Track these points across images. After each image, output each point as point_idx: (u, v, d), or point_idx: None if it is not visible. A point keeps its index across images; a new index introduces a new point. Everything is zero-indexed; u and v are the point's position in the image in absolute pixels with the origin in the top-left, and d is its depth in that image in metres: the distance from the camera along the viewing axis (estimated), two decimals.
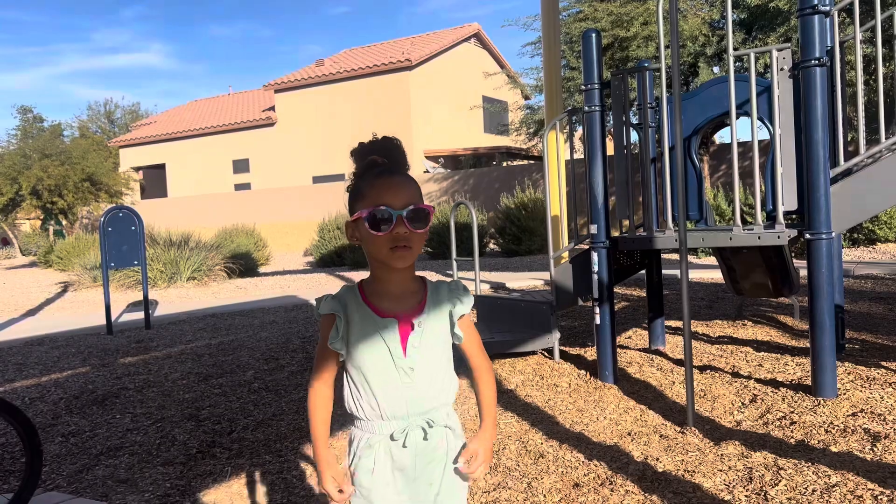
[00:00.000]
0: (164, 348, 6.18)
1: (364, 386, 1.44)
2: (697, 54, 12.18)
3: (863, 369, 4.01)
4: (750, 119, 3.75)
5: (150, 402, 4.43)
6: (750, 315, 6.00)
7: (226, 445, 3.54)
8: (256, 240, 15.78)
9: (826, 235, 3.47)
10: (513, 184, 17.54)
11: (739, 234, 3.75)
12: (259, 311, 8.16)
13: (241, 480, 3.06)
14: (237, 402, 4.27)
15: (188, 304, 9.22)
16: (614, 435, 3.30)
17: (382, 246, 1.39)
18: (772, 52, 3.58)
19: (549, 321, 4.73)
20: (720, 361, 4.49)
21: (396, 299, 1.46)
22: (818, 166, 3.43)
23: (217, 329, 7.07)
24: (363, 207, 1.39)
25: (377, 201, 1.39)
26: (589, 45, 4.14)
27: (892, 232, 11.12)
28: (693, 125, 4.38)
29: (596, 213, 4.26)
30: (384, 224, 1.37)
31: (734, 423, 3.36)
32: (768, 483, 2.59)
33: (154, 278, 11.09)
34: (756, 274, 4.90)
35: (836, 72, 3.77)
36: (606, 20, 12.47)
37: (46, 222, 26.47)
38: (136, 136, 31.40)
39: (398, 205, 1.38)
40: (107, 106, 42.92)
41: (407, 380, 1.44)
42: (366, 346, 1.43)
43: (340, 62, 27.30)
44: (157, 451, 3.52)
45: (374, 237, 1.38)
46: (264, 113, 28.10)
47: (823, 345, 3.50)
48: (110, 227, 7.42)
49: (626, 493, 2.62)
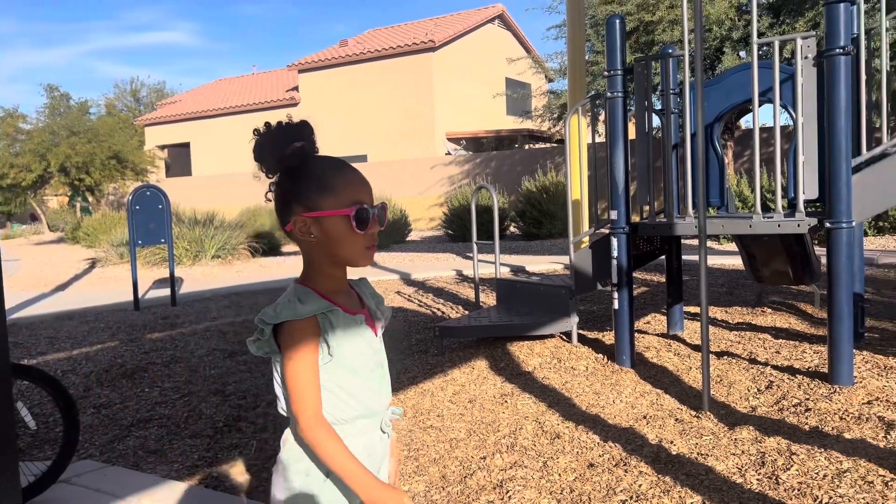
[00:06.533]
0: (190, 325, 6.33)
1: (349, 387, 1.36)
2: (724, 38, 12.02)
3: (881, 358, 4.01)
4: (773, 106, 3.74)
5: (177, 376, 4.57)
6: (770, 302, 6.00)
7: (251, 420, 3.65)
8: None
9: (846, 224, 3.48)
10: (534, 167, 17.50)
11: (759, 222, 3.77)
12: (282, 290, 8.19)
13: (265, 454, 3.17)
14: (262, 379, 4.39)
15: (212, 281, 9.39)
16: (630, 418, 3.36)
17: (359, 245, 1.34)
18: (796, 40, 3.57)
19: (568, 305, 4.79)
20: (738, 348, 4.52)
21: (347, 296, 1.41)
22: (840, 155, 3.43)
23: (241, 307, 7.21)
24: (335, 204, 1.31)
25: (356, 198, 1.33)
26: (612, 30, 4.15)
27: None
28: (716, 111, 4.38)
29: (616, 199, 4.29)
30: (366, 223, 1.33)
31: (749, 408, 3.41)
32: (780, 467, 2.64)
33: (179, 256, 11.28)
34: (776, 261, 4.90)
35: (861, 60, 3.75)
36: (632, 3, 12.34)
37: (73, 199, 26.91)
38: (161, 115, 31.69)
39: (371, 202, 1.35)
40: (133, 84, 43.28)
41: (382, 372, 1.43)
42: (350, 345, 1.36)
43: (364, 43, 27.27)
44: (185, 424, 3.64)
45: (355, 236, 1.32)
46: (288, 93, 28.19)
47: (841, 333, 3.52)
48: (138, 206, 7.57)
49: (640, 474, 2.69)
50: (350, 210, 1.31)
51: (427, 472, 2.87)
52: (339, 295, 1.38)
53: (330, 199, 1.31)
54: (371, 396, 1.40)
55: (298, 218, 1.33)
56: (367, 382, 1.39)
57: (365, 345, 1.39)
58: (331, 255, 1.34)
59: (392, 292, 7.70)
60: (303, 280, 1.38)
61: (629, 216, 4.33)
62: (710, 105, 4.29)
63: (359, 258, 1.35)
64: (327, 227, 1.32)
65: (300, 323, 1.30)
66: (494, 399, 3.76)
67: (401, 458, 1.49)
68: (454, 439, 3.22)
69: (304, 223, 1.32)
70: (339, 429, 1.34)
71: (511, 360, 4.52)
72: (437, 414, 3.58)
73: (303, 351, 1.30)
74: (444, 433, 3.30)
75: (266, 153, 1.32)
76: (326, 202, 1.31)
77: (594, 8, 12.92)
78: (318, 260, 1.36)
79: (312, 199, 1.32)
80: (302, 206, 1.32)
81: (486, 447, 3.09)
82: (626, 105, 4.30)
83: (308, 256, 1.38)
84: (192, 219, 12.85)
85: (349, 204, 1.31)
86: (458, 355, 4.71)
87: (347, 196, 1.32)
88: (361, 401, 1.37)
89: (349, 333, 1.36)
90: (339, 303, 1.36)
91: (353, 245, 1.33)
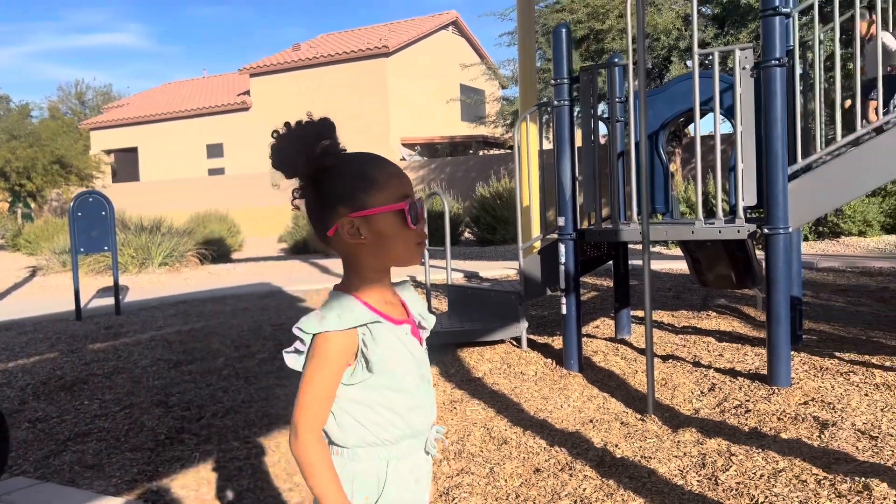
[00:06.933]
0: (134, 334, 6.16)
1: (393, 405, 1.26)
2: (671, 48, 12.32)
3: (817, 359, 4.15)
4: (714, 115, 3.84)
5: (119, 388, 4.44)
6: (715, 306, 6.14)
7: (194, 431, 3.57)
8: (230, 225, 15.68)
9: (783, 230, 3.58)
10: (489, 173, 17.60)
11: (701, 228, 3.86)
12: (231, 298, 8.14)
13: (209, 466, 3.10)
14: (207, 389, 4.30)
15: (159, 290, 9.17)
16: (577, 422, 3.39)
17: (412, 242, 1.25)
18: (735, 52, 3.67)
19: (518, 311, 4.82)
20: (683, 351, 4.61)
21: (392, 304, 1.30)
22: (776, 163, 3.54)
23: (188, 315, 7.06)
24: (385, 199, 1.21)
25: (404, 191, 1.24)
26: (559, 39, 4.20)
27: (856, 225, 11.39)
28: (661, 120, 4.48)
29: (564, 206, 4.33)
30: (417, 217, 1.24)
31: (692, 410, 3.48)
32: (720, 468, 2.70)
33: (125, 264, 10.99)
34: (720, 266, 5.02)
35: (796, 71, 3.88)
36: (583, 12, 12.56)
37: (14, 205, 26.00)
38: (107, 119, 30.89)
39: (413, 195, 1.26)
40: (78, 87, 42.15)
41: (427, 387, 1.32)
42: (394, 359, 1.25)
43: (317, 47, 27.09)
44: (126, 437, 3.54)
45: (408, 233, 1.23)
46: (239, 97, 27.81)
47: (779, 336, 3.62)
48: (80, 212, 7.35)
49: (585, 478, 2.71)
50: (403, 204, 1.22)
51: None
52: (384, 303, 1.28)
53: (378, 195, 1.21)
54: (416, 414, 1.29)
55: (345, 220, 1.21)
56: (413, 399, 1.28)
57: (410, 358, 1.28)
58: (381, 256, 1.24)
59: None
60: (345, 287, 1.26)
61: (577, 222, 4.38)
62: (654, 113, 4.38)
63: (413, 256, 1.26)
64: (378, 225, 1.22)
65: (337, 335, 1.20)
66: (443, 406, 3.75)
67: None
68: None
69: (352, 224, 1.21)
70: (384, 450, 1.25)
71: (461, 366, 4.52)
72: None
73: (329, 363, 1.20)
74: None
75: (291, 155, 1.21)
76: (375, 199, 1.21)
77: (545, 16, 13.10)
78: (365, 264, 1.25)
79: (359, 197, 1.21)
80: (348, 207, 1.21)
81: None
82: (572, 113, 4.35)
83: (352, 261, 1.26)
84: (138, 225, 12.54)
85: (399, 198, 1.22)
86: None
87: (395, 190, 1.23)
88: (407, 420, 1.27)
89: (394, 346, 1.25)
90: (385, 312, 1.26)
91: (406, 242, 1.24)
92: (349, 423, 1.25)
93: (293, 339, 1.27)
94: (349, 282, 1.27)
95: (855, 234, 11.46)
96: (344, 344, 1.21)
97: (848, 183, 3.74)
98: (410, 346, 1.28)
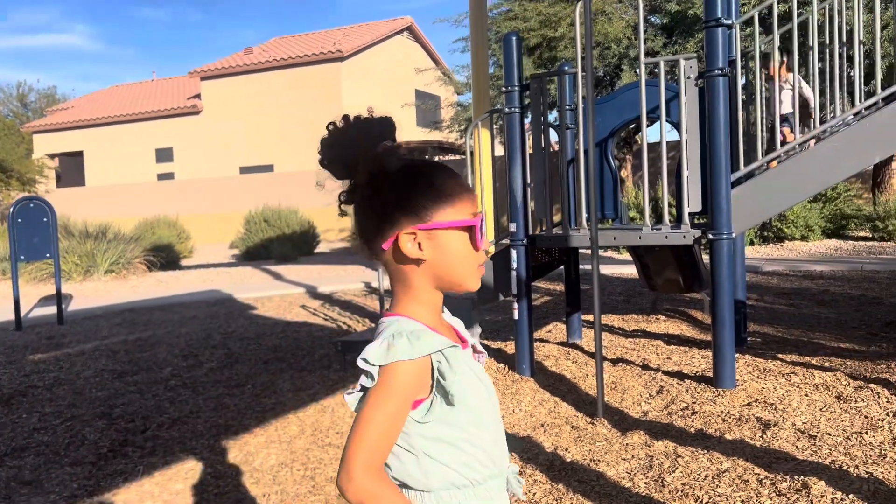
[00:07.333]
0: (77, 344, 5.98)
1: (477, 440, 1.12)
2: (622, 56, 12.55)
3: (761, 361, 4.26)
4: (660, 123, 3.92)
5: (60, 400, 4.29)
6: (664, 309, 6.26)
7: (138, 444, 3.47)
8: (179, 231, 15.36)
9: (727, 235, 3.67)
10: None
11: (648, 234, 3.93)
12: (179, 306, 7.96)
13: (154, 479, 3.02)
14: (152, 400, 4.19)
15: (105, 298, 8.91)
16: (528, 426, 3.41)
17: (474, 264, 1.13)
18: (679, 62, 3.76)
19: (470, 316, 4.83)
20: (632, 354, 4.69)
21: (447, 328, 1.18)
22: (720, 170, 3.63)
23: (134, 324, 6.87)
24: (455, 214, 1.09)
25: (473, 208, 1.12)
26: (509, 47, 4.24)
27: (799, 230, 11.77)
28: (609, 128, 4.55)
29: (515, 212, 4.37)
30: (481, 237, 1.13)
31: (641, 413, 3.53)
32: (666, 470, 2.75)
33: (69, 271, 10.66)
34: (668, 270, 5.12)
35: (738, 81, 3.98)
36: (535, 20, 12.68)
37: None
38: (51, 122, 29.92)
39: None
40: (20, 89, 40.75)
41: (500, 419, 1.20)
42: (471, 389, 1.12)
43: (270, 51, 26.76)
44: (66, 451, 3.42)
45: (472, 254, 1.12)
46: (190, 101, 27.27)
47: (724, 339, 3.71)
48: (20, 219, 7.10)
49: (535, 483, 2.73)
50: (475, 221, 1.11)
51: (323, 491, 2.81)
52: (442, 326, 1.15)
53: (447, 209, 1.09)
54: (498, 449, 1.16)
55: (406, 232, 1.08)
56: (492, 433, 1.15)
57: (483, 387, 1.15)
58: (440, 276, 1.11)
59: (296, 306, 7.55)
60: (400, 311, 1.12)
61: (528, 228, 4.42)
62: (603, 121, 4.45)
63: (474, 279, 1.13)
64: (445, 242, 1.09)
65: (409, 364, 1.04)
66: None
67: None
68: None
69: (414, 238, 1.08)
70: (471, 492, 1.11)
71: None
72: (336, 431, 3.52)
73: (397, 397, 1.05)
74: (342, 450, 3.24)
75: (349, 153, 1.07)
76: (444, 213, 1.09)
77: (498, 23, 13.21)
78: (420, 284, 1.11)
79: (428, 208, 1.08)
80: (411, 218, 1.08)
81: None
82: (523, 120, 4.39)
83: (405, 280, 1.12)
84: (83, 231, 12.19)
85: (469, 215, 1.11)
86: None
87: (466, 205, 1.11)
88: (491, 456, 1.14)
89: (468, 375, 1.12)
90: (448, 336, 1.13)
91: (470, 264, 1.12)
92: (432, 467, 1.10)
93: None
94: (404, 305, 1.12)
95: (798, 239, 11.84)
96: (417, 375, 1.06)
97: (789, 189, 3.85)
98: (479, 373, 1.16)
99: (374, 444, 1.04)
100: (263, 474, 3.04)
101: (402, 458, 1.10)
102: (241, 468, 3.11)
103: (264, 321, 6.72)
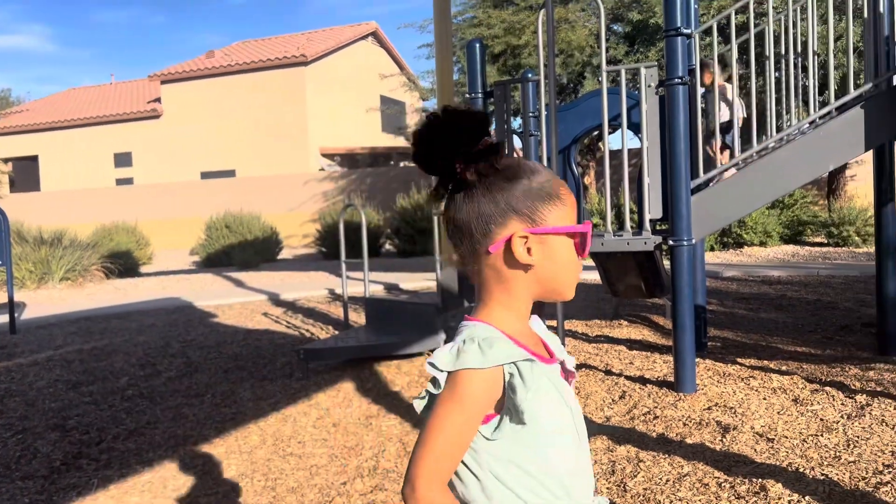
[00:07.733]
0: (30, 354, 5.80)
1: (551, 467, 1.03)
2: (585, 64, 12.71)
3: (721, 366, 4.33)
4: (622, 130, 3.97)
5: (11, 412, 4.15)
6: (626, 315, 6.33)
7: (93, 456, 3.38)
8: (138, 238, 15.03)
9: (687, 242, 3.73)
10: (410, 184, 17.61)
11: (610, 240, 3.97)
12: (137, 314, 7.79)
13: (109, 493, 2.94)
14: (108, 411, 4.08)
15: (60, 306, 8.67)
16: None
17: (576, 272, 1.08)
18: (640, 70, 3.81)
19: (435, 323, 4.81)
20: (595, 360, 4.72)
21: (533, 340, 1.10)
22: (680, 177, 3.68)
23: (90, 333, 6.70)
24: (566, 219, 1.05)
25: (575, 214, 1.08)
26: (473, 54, 4.25)
27: (757, 236, 12.02)
28: (572, 135, 4.59)
29: None
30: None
31: (604, 418, 3.55)
32: (628, 475, 2.76)
33: (22, 279, 10.35)
34: (629, 276, 5.17)
35: (697, 89, 4.05)
36: (500, 27, 12.77)
37: None
38: (5, 125, 29.10)
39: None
40: None
41: (584, 446, 1.10)
42: (548, 409, 1.03)
43: (232, 55, 26.45)
44: (17, 465, 3.31)
45: (576, 262, 1.07)
46: (150, 104, 26.79)
47: (684, 344, 3.76)
48: None
49: None
50: (585, 227, 1.06)
51: (284, 502, 2.77)
52: (529, 338, 1.08)
53: (559, 214, 1.04)
54: (577, 481, 1.06)
55: (520, 236, 1.02)
56: (570, 463, 1.06)
57: (565, 408, 1.06)
58: (544, 283, 1.06)
59: (258, 314, 7.44)
60: (482, 317, 1.06)
61: None
62: (566, 128, 4.49)
63: (573, 288, 1.08)
64: (555, 247, 1.04)
65: (480, 373, 0.98)
66: (359, 422, 3.69)
67: None
68: (314, 466, 3.12)
69: (526, 242, 1.03)
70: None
71: (378, 380, 4.47)
72: (298, 440, 3.47)
73: (467, 408, 0.98)
74: (304, 460, 3.20)
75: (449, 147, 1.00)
76: (556, 216, 1.04)
77: (463, 30, 13.26)
78: (521, 291, 1.05)
79: (541, 211, 1.03)
80: (524, 220, 1.02)
81: (347, 472, 3.02)
82: None
83: (507, 286, 1.05)
84: (37, 238, 11.83)
85: (574, 220, 1.06)
86: (324, 378, 4.61)
87: (571, 210, 1.06)
88: (565, 486, 1.04)
89: (548, 392, 1.03)
90: (533, 349, 1.05)
91: (573, 272, 1.07)
92: (497, 491, 1.02)
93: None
94: (489, 311, 1.06)
95: (756, 245, 12.10)
96: (487, 385, 0.99)
97: (747, 196, 3.93)
98: (564, 392, 1.08)
99: (439, 455, 0.99)
100: (223, 485, 2.97)
101: (465, 480, 1.04)
102: (201, 480, 3.04)
103: (225, 329, 6.60)
